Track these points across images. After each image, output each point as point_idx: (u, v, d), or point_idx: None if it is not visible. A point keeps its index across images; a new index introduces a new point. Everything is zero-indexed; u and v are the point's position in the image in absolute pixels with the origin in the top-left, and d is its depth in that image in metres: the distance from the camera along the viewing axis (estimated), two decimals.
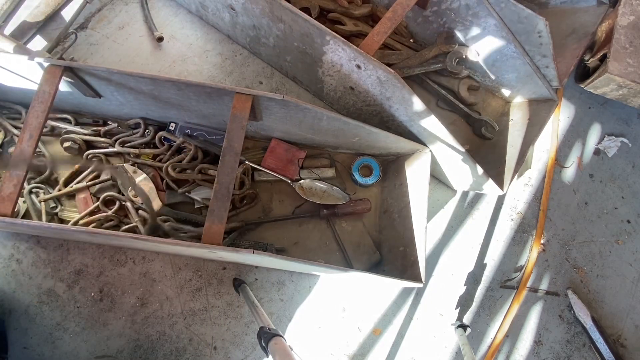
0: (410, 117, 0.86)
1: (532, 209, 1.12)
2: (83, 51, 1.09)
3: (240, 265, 0.98)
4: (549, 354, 1.02)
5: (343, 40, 0.78)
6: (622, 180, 1.17)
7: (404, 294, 1.02)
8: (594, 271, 1.09)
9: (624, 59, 1.03)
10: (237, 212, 0.95)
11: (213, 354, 0.92)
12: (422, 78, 1.09)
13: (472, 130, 1.10)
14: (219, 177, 0.70)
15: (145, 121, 0.95)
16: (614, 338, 1.04)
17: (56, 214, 0.90)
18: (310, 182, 0.95)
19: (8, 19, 1.01)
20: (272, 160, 0.96)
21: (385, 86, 0.82)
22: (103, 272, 0.94)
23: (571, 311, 1.04)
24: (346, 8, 1.05)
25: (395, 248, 0.91)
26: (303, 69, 1.03)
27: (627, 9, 1.07)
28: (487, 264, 1.06)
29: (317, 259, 0.95)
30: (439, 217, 1.08)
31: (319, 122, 0.86)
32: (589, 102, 1.24)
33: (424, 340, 0.99)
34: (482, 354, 1.00)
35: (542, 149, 1.18)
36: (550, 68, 1.01)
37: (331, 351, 0.96)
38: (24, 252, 0.93)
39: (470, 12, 0.94)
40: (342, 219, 0.98)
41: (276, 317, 0.96)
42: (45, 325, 0.90)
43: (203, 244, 0.66)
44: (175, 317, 0.93)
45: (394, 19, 0.83)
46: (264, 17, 0.91)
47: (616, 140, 1.20)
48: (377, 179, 0.99)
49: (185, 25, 1.14)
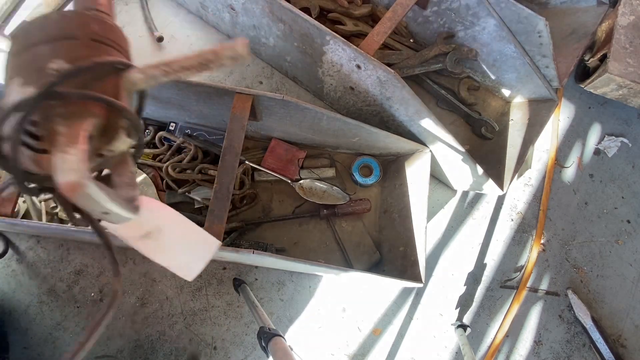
0: (410, 117, 0.86)
1: (532, 209, 1.12)
2: None
3: (240, 265, 0.98)
4: (549, 354, 1.02)
5: (343, 40, 0.78)
6: (622, 180, 1.17)
7: (404, 294, 1.02)
8: (594, 271, 1.09)
9: (624, 59, 1.03)
10: (237, 212, 0.95)
11: (213, 354, 0.92)
12: (422, 78, 1.09)
13: (472, 130, 1.10)
14: (219, 177, 0.70)
15: (145, 121, 0.95)
16: (614, 338, 1.04)
17: (56, 214, 0.90)
18: (310, 182, 0.95)
19: (8, 19, 1.01)
20: (272, 160, 0.96)
21: (385, 86, 0.82)
22: (103, 272, 0.94)
23: (571, 311, 1.04)
24: (346, 8, 1.05)
25: (395, 248, 0.91)
26: (303, 69, 1.03)
27: (627, 9, 1.07)
28: (487, 264, 1.06)
29: (317, 259, 0.95)
30: (439, 217, 1.08)
31: (319, 122, 0.86)
32: (589, 102, 1.24)
33: (424, 340, 0.99)
34: (482, 354, 1.00)
35: (542, 149, 1.18)
36: (550, 68, 1.01)
37: (331, 351, 0.96)
38: (24, 252, 0.93)
39: (470, 12, 0.94)
40: (342, 219, 0.98)
41: (276, 317, 0.96)
42: (45, 325, 0.90)
43: None
44: (175, 317, 0.93)
45: (394, 19, 0.83)
46: (264, 17, 0.91)
47: (616, 140, 1.20)
48: (377, 179, 0.99)
49: (185, 25, 1.14)
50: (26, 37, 0.40)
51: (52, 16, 0.40)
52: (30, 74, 0.38)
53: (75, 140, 0.36)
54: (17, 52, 0.40)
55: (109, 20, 0.45)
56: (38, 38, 0.40)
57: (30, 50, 0.39)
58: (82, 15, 0.43)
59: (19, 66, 0.39)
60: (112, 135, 0.42)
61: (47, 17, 0.41)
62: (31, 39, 0.40)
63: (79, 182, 0.33)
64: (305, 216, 0.97)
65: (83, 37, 0.41)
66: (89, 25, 0.42)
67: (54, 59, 0.38)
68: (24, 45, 0.40)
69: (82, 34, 0.41)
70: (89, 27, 0.42)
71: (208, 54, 0.40)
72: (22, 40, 0.40)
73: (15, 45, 0.41)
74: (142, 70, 0.42)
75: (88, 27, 0.42)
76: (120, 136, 0.42)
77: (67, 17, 0.41)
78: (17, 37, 0.41)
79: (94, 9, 0.48)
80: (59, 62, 0.38)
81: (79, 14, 0.43)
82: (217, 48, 0.39)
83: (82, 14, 0.43)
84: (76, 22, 0.41)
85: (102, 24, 0.43)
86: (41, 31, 0.40)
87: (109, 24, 0.44)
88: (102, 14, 0.48)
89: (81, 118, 0.38)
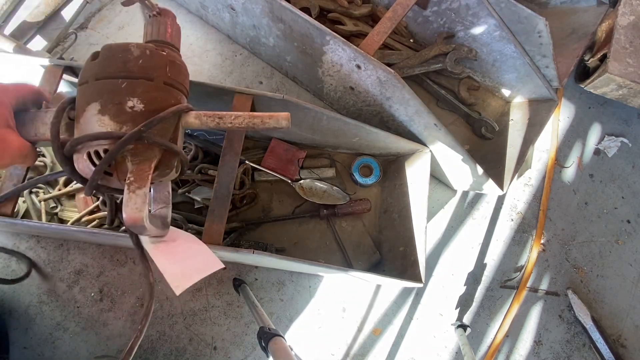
0: (410, 117, 0.86)
1: (532, 209, 1.12)
2: (83, 51, 1.09)
3: (240, 265, 0.98)
4: (549, 354, 1.02)
5: (343, 40, 0.78)
6: (622, 180, 1.17)
7: (404, 294, 1.02)
8: (594, 271, 1.09)
9: (624, 59, 1.03)
10: (237, 212, 0.95)
11: (213, 354, 0.92)
12: (422, 78, 1.09)
13: (472, 130, 1.10)
14: (219, 177, 0.70)
15: None
16: (614, 338, 1.04)
17: (56, 213, 0.90)
18: (310, 182, 0.95)
19: (8, 19, 1.01)
20: (272, 160, 0.96)
21: (385, 86, 0.82)
22: (103, 272, 0.94)
23: (571, 311, 1.04)
24: (346, 8, 1.05)
25: (395, 248, 0.91)
26: (303, 69, 1.03)
27: (627, 9, 1.07)
28: (487, 264, 1.06)
29: (317, 259, 0.95)
30: (439, 217, 1.08)
31: (319, 122, 0.86)
32: (589, 102, 1.24)
33: (424, 340, 0.99)
34: (482, 354, 1.00)
35: (542, 149, 1.18)
36: (550, 68, 1.01)
37: (331, 351, 0.96)
38: (24, 252, 0.93)
39: (470, 12, 0.94)
40: (342, 219, 0.98)
41: (276, 317, 0.96)
42: (45, 325, 0.90)
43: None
44: (175, 317, 0.93)
45: (394, 19, 0.83)
46: (264, 17, 0.91)
47: (616, 140, 1.20)
48: (377, 179, 0.99)
49: (185, 25, 1.14)
50: (109, 63, 0.46)
51: (134, 51, 0.46)
52: (107, 105, 0.44)
53: (143, 183, 0.43)
54: (96, 75, 0.46)
55: (178, 59, 0.52)
56: (119, 70, 0.46)
57: (110, 81, 0.45)
58: (160, 57, 0.48)
59: (98, 93, 0.45)
60: (165, 172, 0.49)
61: (129, 51, 0.46)
62: (112, 68, 0.46)
63: (140, 219, 0.43)
64: (305, 216, 0.97)
65: (158, 79, 0.47)
66: (165, 68, 0.48)
67: (130, 97, 0.45)
68: (105, 72, 0.46)
69: (158, 76, 0.47)
70: (164, 70, 0.48)
71: (256, 119, 0.48)
72: (104, 64, 0.46)
73: (96, 67, 0.46)
74: (198, 115, 0.49)
75: (163, 70, 0.48)
76: (172, 172, 0.50)
77: (147, 55, 0.47)
78: (100, 61, 0.46)
79: (166, 43, 0.54)
80: (134, 100, 0.45)
81: (158, 56, 0.48)
82: (265, 116, 0.47)
83: (159, 55, 0.48)
84: (154, 63, 0.47)
85: (174, 67, 0.50)
86: (124, 64, 0.46)
87: (178, 64, 0.51)
88: (174, 52, 0.55)
89: (146, 158, 0.45)
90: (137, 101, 0.45)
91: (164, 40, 0.55)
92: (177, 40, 0.57)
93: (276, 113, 0.47)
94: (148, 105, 0.46)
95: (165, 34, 0.55)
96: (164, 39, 0.55)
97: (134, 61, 0.46)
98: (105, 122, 0.44)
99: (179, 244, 0.55)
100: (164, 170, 0.49)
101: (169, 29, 0.55)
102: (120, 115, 0.44)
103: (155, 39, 0.55)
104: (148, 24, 0.56)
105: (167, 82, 0.48)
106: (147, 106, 0.45)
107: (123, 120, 0.44)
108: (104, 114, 0.44)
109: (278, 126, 0.48)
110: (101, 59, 0.46)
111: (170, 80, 0.48)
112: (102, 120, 0.44)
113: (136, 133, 0.43)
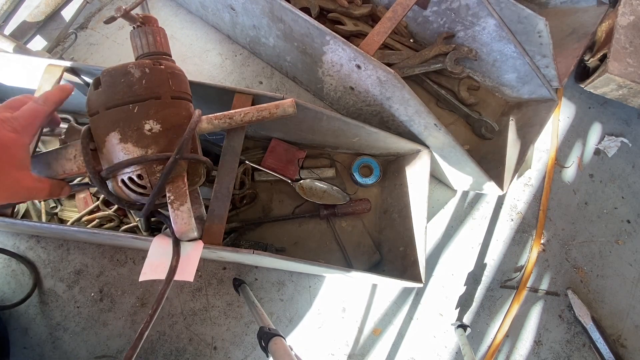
0: (410, 117, 0.86)
1: (532, 209, 1.12)
2: (83, 51, 1.09)
3: (240, 265, 0.98)
4: (549, 354, 1.02)
5: (343, 40, 0.78)
6: (622, 180, 1.17)
7: (404, 294, 1.02)
8: (594, 271, 1.09)
9: (624, 59, 1.03)
10: (237, 212, 0.95)
11: (213, 354, 0.92)
12: (422, 78, 1.09)
13: (472, 130, 1.10)
14: (219, 177, 0.70)
15: None
16: (614, 338, 1.04)
17: (56, 213, 0.90)
18: (310, 182, 0.95)
19: (8, 19, 1.01)
20: (272, 160, 0.96)
21: (385, 86, 0.82)
22: (103, 272, 0.94)
23: (571, 311, 1.04)
24: (346, 8, 1.05)
25: (395, 248, 0.91)
26: (303, 69, 1.03)
27: (627, 9, 1.07)
28: (487, 264, 1.06)
29: (317, 259, 0.95)
30: (439, 217, 1.08)
31: (319, 122, 0.85)
32: (589, 102, 1.24)
33: (424, 340, 0.99)
34: (482, 354, 1.00)
35: (542, 149, 1.18)
36: (550, 68, 1.01)
37: (331, 351, 0.96)
38: (24, 252, 0.93)
39: (470, 12, 0.94)
40: (342, 219, 0.98)
41: (276, 317, 0.96)
42: (45, 325, 0.90)
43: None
44: (175, 317, 0.93)
45: (394, 19, 0.83)
46: (264, 17, 0.91)
47: (616, 140, 1.20)
48: (377, 179, 0.99)
49: (185, 25, 1.14)
50: (114, 90, 0.47)
51: (135, 72, 0.48)
52: (126, 132, 0.46)
53: (184, 199, 0.48)
54: (106, 104, 0.47)
55: (176, 68, 0.53)
56: (127, 95, 0.47)
57: (121, 108, 0.47)
58: (160, 72, 0.49)
59: (114, 122, 0.47)
60: (195, 181, 0.53)
61: (129, 73, 0.47)
62: (119, 94, 0.47)
63: (189, 229, 0.48)
64: (305, 216, 0.97)
65: (165, 95, 0.49)
66: (167, 83, 0.50)
67: (146, 120, 0.47)
68: (113, 100, 0.47)
69: (164, 92, 0.49)
70: (167, 84, 0.49)
71: (264, 112, 0.50)
72: (110, 92, 0.47)
73: (103, 96, 0.47)
74: (209, 120, 0.51)
75: (167, 85, 0.49)
76: (201, 179, 0.55)
77: (148, 74, 0.48)
78: (104, 89, 0.47)
79: (159, 53, 0.55)
80: (151, 123, 0.47)
81: (158, 72, 0.49)
82: (271, 107, 0.50)
83: (159, 70, 0.49)
84: (157, 80, 0.49)
85: (176, 78, 0.51)
86: (129, 88, 0.47)
87: (178, 73, 0.52)
88: (169, 61, 0.55)
89: (177, 174, 0.48)
90: (153, 122, 0.47)
91: (156, 51, 0.54)
92: (167, 45, 0.57)
93: (281, 101, 0.49)
94: (164, 124, 0.47)
95: (155, 43, 0.55)
96: (156, 50, 0.54)
97: (137, 83, 0.47)
98: (129, 149, 0.46)
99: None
100: (193, 180, 0.52)
101: (158, 37, 0.55)
102: (142, 140, 0.46)
103: (147, 52, 0.54)
104: (135, 37, 0.55)
105: (174, 95, 0.49)
106: (163, 125, 0.47)
107: (146, 144, 0.46)
108: (126, 141, 0.46)
109: (285, 114, 0.50)
110: (104, 87, 0.47)
111: (176, 93, 0.50)
112: (126, 149, 0.46)
113: (173, 163, 0.46)
